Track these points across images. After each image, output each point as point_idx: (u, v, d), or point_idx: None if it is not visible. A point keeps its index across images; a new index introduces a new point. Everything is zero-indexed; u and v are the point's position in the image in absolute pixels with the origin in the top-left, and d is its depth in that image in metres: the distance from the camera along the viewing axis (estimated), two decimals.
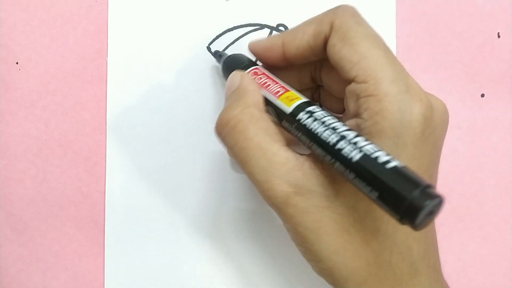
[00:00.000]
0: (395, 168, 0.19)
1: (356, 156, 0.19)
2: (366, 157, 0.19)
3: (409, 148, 0.21)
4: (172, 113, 0.33)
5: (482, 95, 0.34)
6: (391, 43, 0.34)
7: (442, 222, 0.34)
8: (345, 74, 0.23)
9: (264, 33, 0.34)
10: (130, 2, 0.33)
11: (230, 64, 0.28)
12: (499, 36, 0.34)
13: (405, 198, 0.18)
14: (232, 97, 0.25)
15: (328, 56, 0.24)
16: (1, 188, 0.33)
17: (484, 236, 0.34)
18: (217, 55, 0.32)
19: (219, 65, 0.31)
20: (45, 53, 0.33)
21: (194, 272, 0.33)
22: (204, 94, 0.33)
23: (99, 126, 0.33)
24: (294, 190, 0.22)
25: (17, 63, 0.33)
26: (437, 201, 0.18)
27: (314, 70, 0.27)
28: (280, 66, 0.27)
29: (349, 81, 0.23)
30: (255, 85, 0.25)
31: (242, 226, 0.33)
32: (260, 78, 0.26)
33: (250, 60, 0.28)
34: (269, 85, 0.25)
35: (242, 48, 0.33)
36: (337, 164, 0.20)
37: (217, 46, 0.33)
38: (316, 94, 0.29)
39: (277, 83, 0.25)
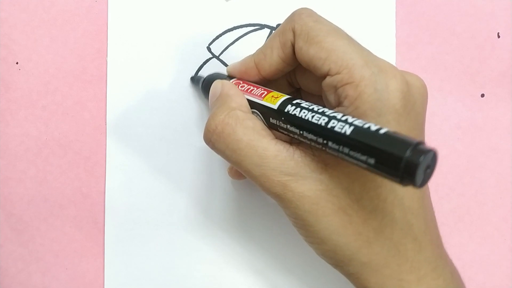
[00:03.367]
0: (386, 133, 0.19)
1: (348, 129, 0.20)
2: (358, 128, 0.20)
3: (392, 124, 0.22)
4: (172, 113, 0.33)
5: (482, 95, 0.34)
6: (391, 43, 0.34)
7: (442, 222, 0.34)
8: (318, 71, 0.24)
9: (264, 33, 0.34)
10: (130, 2, 0.33)
11: (210, 82, 0.28)
12: (499, 36, 0.34)
13: (401, 157, 0.18)
14: (215, 104, 0.26)
15: (299, 60, 0.25)
16: (1, 188, 0.33)
17: (484, 236, 0.34)
18: (194, 80, 0.32)
19: (199, 88, 0.32)
20: (45, 53, 0.33)
21: (194, 272, 0.33)
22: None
23: (99, 126, 0.33)
24: (289, 179, 0.23)
25: (17, 63, 0.33)
26: (432, 155, 0.19)
27: (290, 76, 0.28)
28: (261, 83, 0.27)
29: (323, 77, 0.23)
30: (237, 89, 0.26)
31: (244, 226, 0.33)
32: (243, 86, 0.27)
33: (229, 76, 0.29)
34: (252, 90, 0.26)
35: (242, 48, 0.33)
36: (330, 143, 0.21)
37: (217, 46, 0.33)
38: (298, 97, 0.30)
39: (259, 87, 0.26)
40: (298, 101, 0.24)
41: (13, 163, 0.33)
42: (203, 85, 0.31)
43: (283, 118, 0.24)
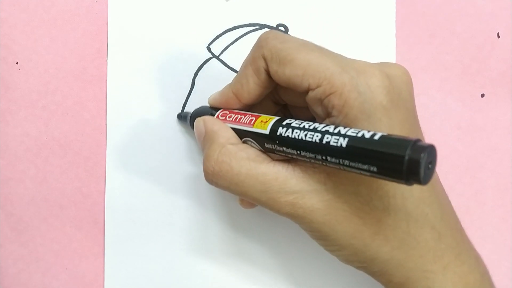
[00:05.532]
0: (382, 138, 0.19)
1: (343, 142, 0.20)
2: (352, 138, 0.20)
3: (384, 121, 0.22)
4: (172, 113, 0.33)
5: (482, 95, 0.34)
6: (391, 43, 0.34)
7: None
8: (299, 88, 0.24)
9: None
10: (130, 2, 0.33)
11: (198, 116, 0.29)
12: (499, 36, 0.34)
13: (402, 159, 0.18)
14: (205, 145, 0.26)
15: (277, 82, 0.25)
16: (1, 188, 0.33)
17: (484, 236, 0.34)
18: (181, 117, 0.32)
19: (187, 124, 0.31)
20: (45, 53, 0.33)
21: (194, 272, 0.33)
22: (204, 93, 0.33)
23: (99, 126, 0.33)
24: (296, 196, 0.23)
25: (17, 63, 0.33)
26: (431, 150, 0.19)
27: (273, 95, 0.28)
28: (245, 109, 0.28)
29: (306, 92, 0.24)
30: (219, 123, 0.27)
31: (244, 226, 0.33)
32: (230, 116, 0.27)
33: (213, 108, 0.29)
34: (240, 118, 0.26)
35: (242, 48, 0.33)
36: (329, 158, 0.21)
37: (217, 46, 0.33)
38: (288, 113, 0.30)
39: (247, 114, 0.26)
40: (287, 121, 0.24)
41: (13, 163, 0.33)
42: (191, 121, 0.30)
43: (277, 142, 0.24)
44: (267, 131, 0.24)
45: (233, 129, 0.26)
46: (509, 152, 0.34)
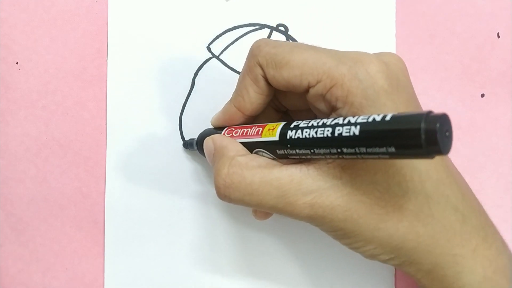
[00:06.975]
0: (393, 117, 0.19)
1: (356, 130, 0.20)
2: (364, 125, 0.20)
3: (388, 105, 0.22)
4: (172, 113, 0.33)
5: (482, 95, 0.34)
6: (391, 43, 0.34)
7: None
8: (298, 88, 0.24)
9: (264, 33, 0.34)
10: (130, 2, 0.33)
11: (204, 139, 0.29)
12: (499, 36, 0.34)
13: (419, 131, 0.18)
14: (215, 161, 0.26)
15: (276, 87, 0.25)
16: (1, 188, 0.33)
17: None
18: (188, 144, 0.32)
19: (194, 150, 0.32)
20: (45, 53, 0.33)
21: (193, 272, 0.33)
22: (203, 93, 0.33)
23: (99, 126, 0.33)
24: (314, 196, 0.23)
25: (17, 63, 0.33)
26: (445, 118, 0.18)
27: (273, 102, 0.28)
28: (249, 122, 0.28)
29: (306, 91, 0.24)
30: (228, 138, 0.27)
31: (243, 225, 0.33)
32: (237, 132, 0.27)
33: (217, 128, 0.29)
34: (247, 131, 0.26)
35: (242, 48, 0.33)
36: (345, 149, 0.21)
37: (217, 46, 0.33)
38: (290, 119, 0.30)
39: (252, 126, 0.26)
40: (295, 123, 0.24)
41: (13, 163, 0.33)
42: (199, 144, 0.30)
43: (289, 146, 0.23)
44: (276, 138, 0.24)
45: (242, 143, 0.26)
46: (509, 152, 0.34)
